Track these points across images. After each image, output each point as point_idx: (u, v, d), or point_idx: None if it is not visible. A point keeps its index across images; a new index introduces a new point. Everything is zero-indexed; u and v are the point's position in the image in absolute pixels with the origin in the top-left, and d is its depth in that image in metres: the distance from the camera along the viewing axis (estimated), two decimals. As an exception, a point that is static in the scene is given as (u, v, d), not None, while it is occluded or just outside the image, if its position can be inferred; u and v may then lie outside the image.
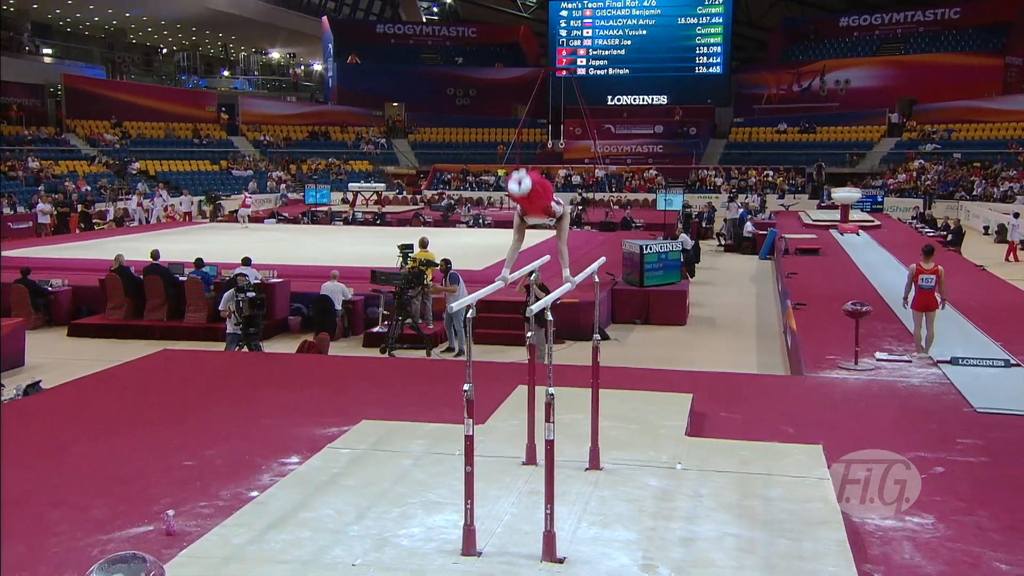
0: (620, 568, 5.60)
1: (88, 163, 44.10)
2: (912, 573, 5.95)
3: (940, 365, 11.24)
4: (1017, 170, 44.14)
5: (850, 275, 19.21)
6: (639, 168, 48.23)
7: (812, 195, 42.04)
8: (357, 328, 16.12)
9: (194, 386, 10.49)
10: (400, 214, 34.37)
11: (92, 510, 6.92)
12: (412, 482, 7.00)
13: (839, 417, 9.28)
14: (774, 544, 5.92)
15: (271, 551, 5.84)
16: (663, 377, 10.92)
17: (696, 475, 7.12)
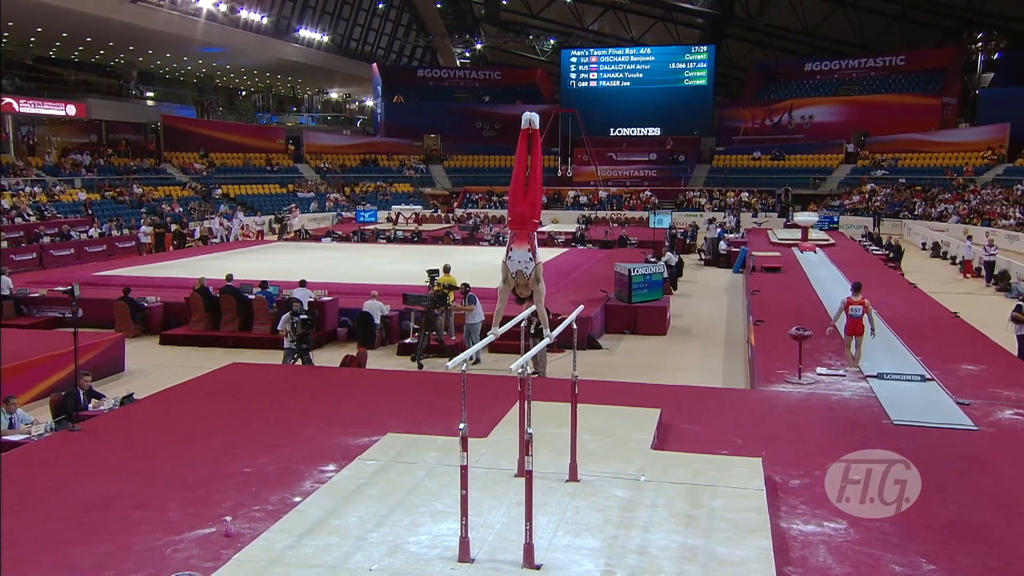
0: (585, 574, 5.76)
1: (181, 188, 44.54)
2: (823, 574, 6.08)
3: (868, 379, 11.31)
4: (951, 193, 43.74)
5: (804, 292, 19.19)
6: (636, 190, 48.10)
7: (780, 214, 41.81)
8: (393, 338, 16.32)
9: (254, 398, 10.67)
10: (434, 232, 34.51)
11: (168, 512, 7.12)
12: (424, 492, 7.18)
13: (780, 429, 9.37)
14: (713, 552, 6.07)
15: (305, 556, 6.05)
16: (638, 391, 11.00)
17: (655, 486, 7.26)
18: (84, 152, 43.77)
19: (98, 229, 32.23)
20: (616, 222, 35.99)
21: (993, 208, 40.26)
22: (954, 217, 40.39)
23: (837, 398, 10.54)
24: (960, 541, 6.58)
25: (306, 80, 63.63)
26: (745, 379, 13.67)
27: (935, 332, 14.67)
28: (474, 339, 14.85)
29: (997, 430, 9.38)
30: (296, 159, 54.48)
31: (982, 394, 10.73)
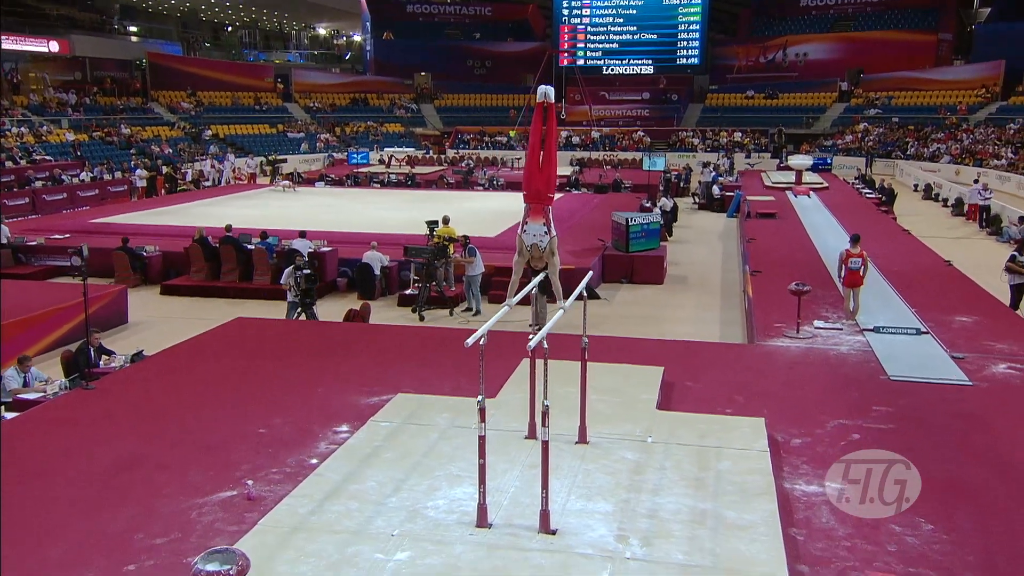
0: (599, 539, 5.97)
1: (169, 128, 44.03)
2: (827, 535, 6.31)
3: (865, 333, 11.51)
4: (944, 133, 43.69)
5: (800, 240, 19.34)
6: (628, 130, 47.88)
7: (773, 155, 41.76)
8: (392, 289, 16.44)
9: (261, 354, 10.79)
10: (427, 175, 34.35)
11: (189, 474, 7.28)
12: (438, 455, 7.36)
13: (780, 386, 9.57)
14: (721, 515, 6.28)
15: (327, 521, 6.23)
16: (639, 347, 11.16)
17: (663, 448, 7.46)
18: (69, 91, 43.09)
19: (89, 173, 31.96)
20: (609, 164, 35.83)
21: (985, 148, 40.30)
22: (946, 157, 40.46)
23: (835, 353, 10.75)
24: (957, 501, 6.83)
25: (293, 14, 62.47)
26: (742, 330, 13.89)
27: (929, 282, 14.87)
28: (474, 290, 15.00)
29: (991, 385, 9.62)
30: (285, 98, 53.81)
31: (976, 347, 10.96)
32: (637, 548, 5.82)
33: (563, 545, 5.88)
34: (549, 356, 6.93)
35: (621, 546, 5.85)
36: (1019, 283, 14.59)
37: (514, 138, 48.29)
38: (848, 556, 5.98)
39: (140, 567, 5.88)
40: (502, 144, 47.79)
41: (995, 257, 19.37)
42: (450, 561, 5.69)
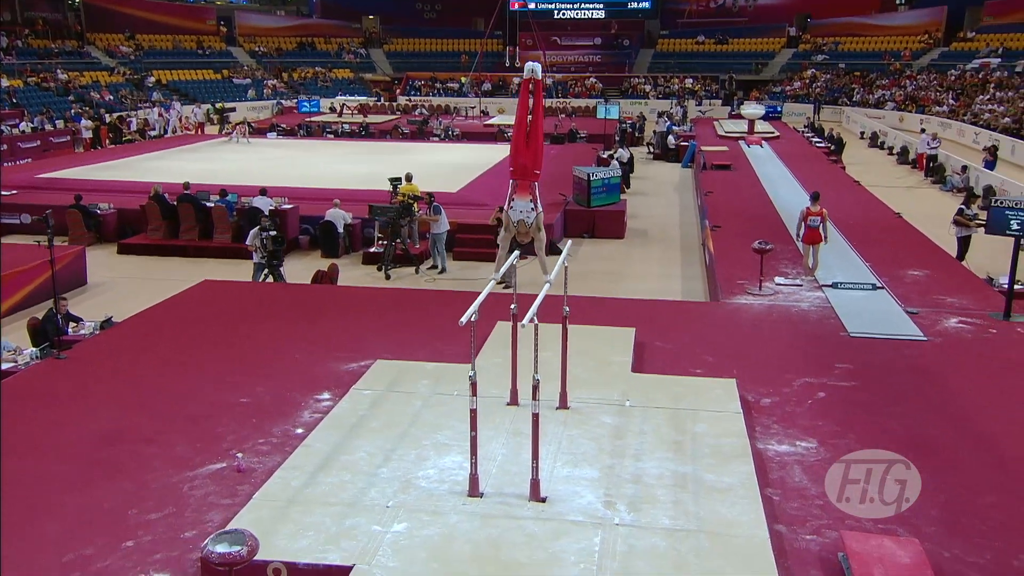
0: (588, 505, 6.19)
1: (108, 74, 42.56)
2: (800, 495, 6.62)
3: (824, 289, 11.87)
4: (888, 79, 44.37)
5: (756, 193, 19.64)
6: (581, 76, 47.65)
7: (724, 102, 42.03)
8: (356, 246, 16.37)
9: (233, 319, 10.75)
10: (381, 125, 33.90)
11: (176, 447, 7.31)
12: (423, 424, 7.49)
13: (746, 345, 9.86)
14: (701, 479, 6.55)
15: (322, 493, 6.35)
16: (608, 307, 11.31)
17: (641, 412, 7.70)
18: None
19: (29, 123, 30.88)
20: (564, 112, 35.72)
21: (927, 95, 41.08)
22: (890, 104, 41.17)
23: (797, 310, 11.08)
24: (919, 458, 7.09)
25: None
26: (704, 285, 14.20)
27: (881, 235, 15.28)
28: (439, 248, 15.04)
29: (944, 340, 10.03)
30: (228, 42, 52.30)
31: (928, 302, 11.39)
32: (625, 514, 6.06)
33: (554, 513, 6.10)
34: (521, 317, 7.11)
35: (610, 512, 6.09)
36: (966, 235, 15.13)
37: (466, 84, 47.77)
38: (822, 515, 6.30)
39: (139, 543, 5.95)
40: (454, 91, 47.28)
41: (941, 207, 20.02)
42: (446, 531, 5.87)
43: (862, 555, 5.52)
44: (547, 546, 5.69)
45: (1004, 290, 11.77)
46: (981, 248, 15.30)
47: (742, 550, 5.64)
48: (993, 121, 34.12)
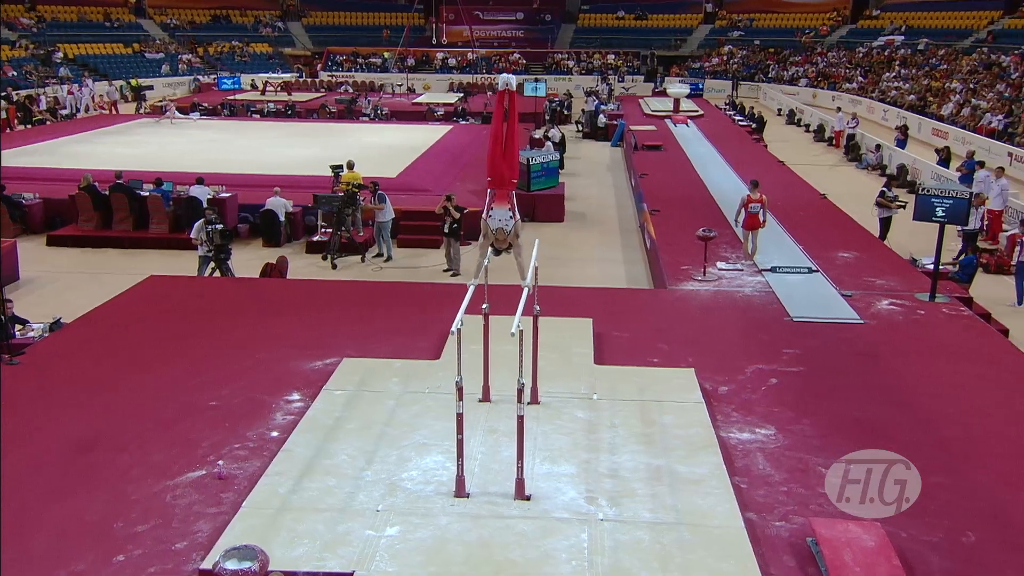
0: (571, 502, 6.43)
1: (10, 48, 40.49)
2: (765, 482, 6.99)
3: (764, 273, 12.35)
4: (801, 56, 45.64)
5: (688, 174, 20.12)
6: (504, 52, 47.58)
7: (647, 78, 42.60)
8: (298, 234, 16.21)
9: (188, 317, 10.58)
10: (307, 103, 33.28)
11: (152, 454, 7.24)
12: (399, 423, 7.60)
13: (698, 332, 10.22)
14: (674, 471, 6.86)
15: (310, 499, 6.43)
16: (559, 296, 11.41)
17: (609, 405, 7.96)
18: None
19: (-69, 103, 29.28)
20: (491, 90, 35.65)
21: (838, 71, 42.45)
22: (804, 80, 42.39)
23: (741, 295, 11.51)
24: (868, 439, 7.60)
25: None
26: (646, 269, 14.57)
27: (809, 217, 15.91)
28: (384, 236, 15.03)
29: (878, 322, 10.60)
30: (138, 13, 50.38)
31: (860, 284, 11.98)
32: (607, 509, 6.32)
33: (540, 510, 6.32)
34: (478, 311, 7.26)
35: (592, 507, 6.34)
36: (887, 216, 15.87)
37: (389, 59, 47.16)
38: (787, 500, 6.68)
39: (129, 557, 5.93)
40: (377, 67, 46.63)
41: (859, 186, 20.90)
42: (438, 534, 6.03)
43: (831, 540, 5.90)
44: (538, 544, 5.91)
45: (927, 271, 12.50)
46: (900, 228, 16.11)
47: (721, 540, 5.96)
48: (900, 98, 35.54)
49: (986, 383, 8.84)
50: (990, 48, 37.73)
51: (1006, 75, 32.97)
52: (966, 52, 38.88)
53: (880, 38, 44.18)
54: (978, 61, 36.29)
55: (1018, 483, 6.94)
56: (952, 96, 32.53)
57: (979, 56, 36.99)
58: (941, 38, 41.81)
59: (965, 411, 8.19)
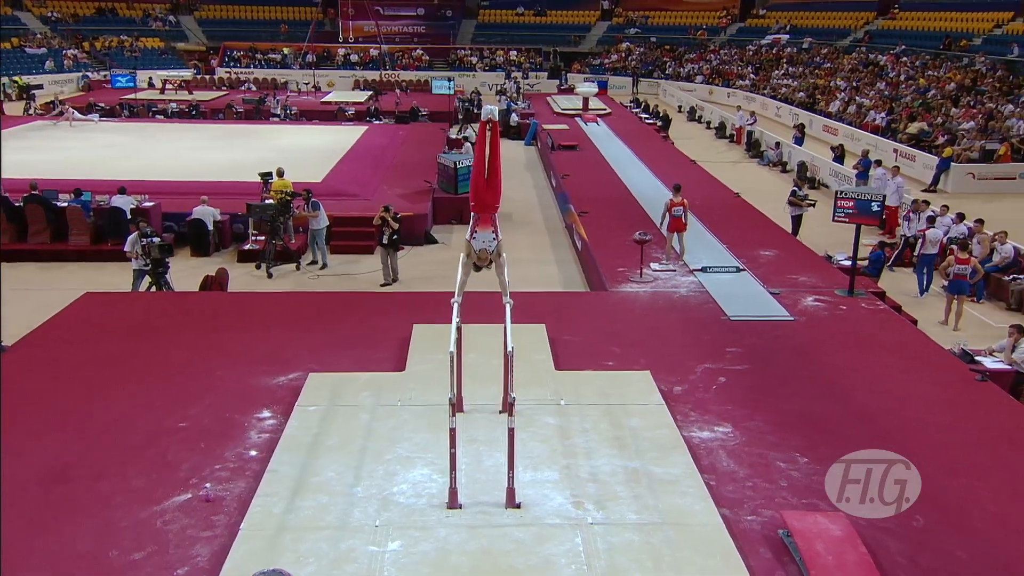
0: (560, 507, 6.73)
1: None
2: (732, 478, 7.45)
3: (695, 273, 12.93)
4: (695, 53, 47.17)
5: (606, 174, 20.66)
6: (407, 47, 47.35)
7: (550, 75, 43.20)
8: (226, 243, 15.94)
9: (136, 334, 10.36)
10: (211, 103, 32.39)
11: (132, 480, 7.18)
12: (379, 437, 7.74)
13: (645, 333, 10.67)
14: (650, 472, 7.25)
15: (308, 519, 6.53)
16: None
17: (577, 411, 8.29)
18: None
19: None
20: (399, 87, 35.48)
21: (731, 68, 44.07)
22: (699, 77, 43.83)
23: (678, 296, 12.05)
24: (815, 433, 8.23)
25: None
26: (578, 270, 14.99)
27: (727, 216, 16.63)
28: (319, 243, 14.97)
29: (807, 319, 11.30)
30: (14, 5, 47.71)
31: (784, 281, 12.70)
32: (595, 512, 6.66)
33: (532, 518, 6.60)
34: (430, 319, 7.41)
35: (581, 512, 6.66)
36: (798, 214, 16.79)
37: (289, 56, 46.26)
38: (754, 495, 7.16)
39: (134, 588, 5.93)
40: (276, 63, 45.67)
41: (763, 183, 21.93)
42: (439, 546, 6.24)
43: (803, 532, 6.40)
44: (536, 551, 6.20)
45: (843, 267, 13.38)
46: (810, 225, 17.09)
47: (703, 538, 6.38)
48: (790, 95, 37.23)
49: (912, 375, 9.57)
50: (868, 47, 39.93)
51: (884, 74, 35.02)
52: (846, 51, 41.01)
53: (767, 36, 46.09)
54: (858, 60, 38.35)
55: (953, 469, 7.61)
56: (838, 94, 34.30)
57: (858, 55, 39.09)
58: (823, 37, 43.94)
59: (898, 403, 8.87)
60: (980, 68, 30.88)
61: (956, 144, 23.52)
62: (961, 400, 9.02)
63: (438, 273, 14.50)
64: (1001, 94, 27.55)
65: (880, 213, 12.01)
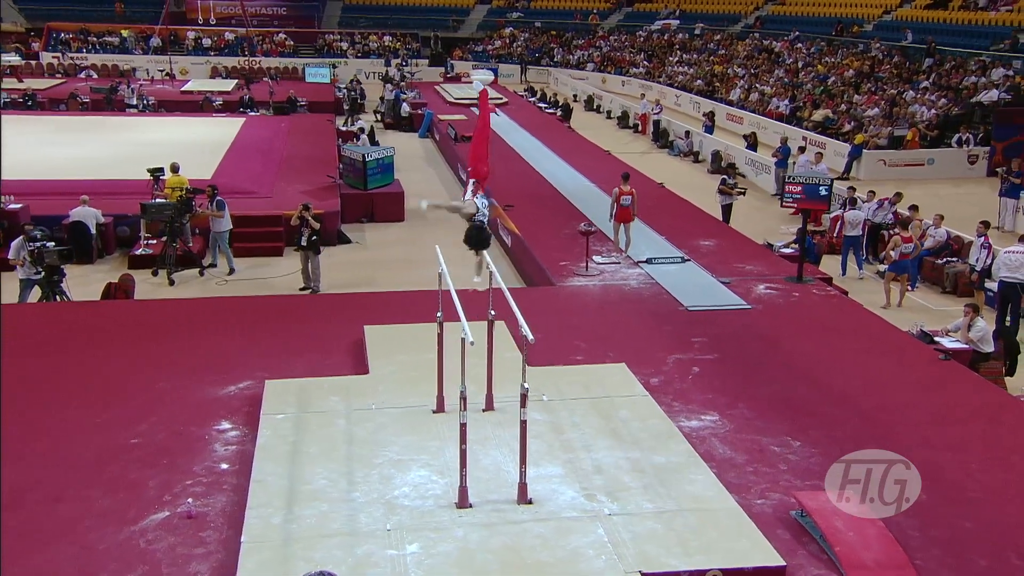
0: (573, 501, 7.14)
1: None
2: (731, 465, 8.06)
3: (641, 265, 13.63)
4: (584, 39, 48.65)
5: (520, 165, 21.25)
6: (267, 31, 46.65)
7: (432, 62, 43.57)
8: (110, 248, 15.56)
9: (50, 350, 10.16)
10: (48, 92, 31.09)
11: (97, 502, 7.17)
12: (363, 442, 7.95)
13: (606, 326, 11.25)
14: (653, 461, 7.77)
15: (312, 527, 6.70)
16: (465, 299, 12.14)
17: (562, 405, 8.73)
18: None
19: None
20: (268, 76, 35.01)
21: (622, 55, 45.70)
22: (590, 64, 45.23)
23: (629, 288, 12.70)
24: (801, 417, 8.97)
25: None
26: (508, 264, 15.43)
27: (657, 207, 17.42)
28: (222, 247, 14.85)
29: (764, 306, 12.15)
30: None
31: (730, 271, 13.55)
32: (609, 504, 7.10)
33: (547, 512, 6.99)
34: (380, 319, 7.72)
35: (595, 504, 7.10)
36: (728, 203, 17.85)
37: (130, 39, 44.76)
38: (758, 480, 7.81)
39: (135, 610, 5.98)
40: (114, 46, 44.09)
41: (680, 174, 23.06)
42: (461, 545, 6.55)
43: (819, 510, 7.03)
44: (561, 544, 6.60)
45: (784, 255, 14.43)
46: (740, 213, 18.19)
47: (724, 521, 6.93)
48: (688, 83, 39.02)
49: (879, 357, 10.53)
50: (760, 33, 42.32)
51: (781, 60, 37.26)
52: (739, 37, 43.32)
53: (657, 22, 48.03)
54: (752, 46, 40.60)
55: (937, 445, 8.49)
56: (737, 81, 36.23)
57: (752, 41, 41.38)
58: (714, 23, 46.23)
59: (872, 385, 9.76)
60: (876, 55, 33.32)
61: (864, 131, 25.41)
62: (930, 379, 10.02)
63: (361, 275, 14.65)
64: (901, 80, 29.88)
65: (828, 198, 13.03)
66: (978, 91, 26.35)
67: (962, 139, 24.38)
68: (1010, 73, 26.76)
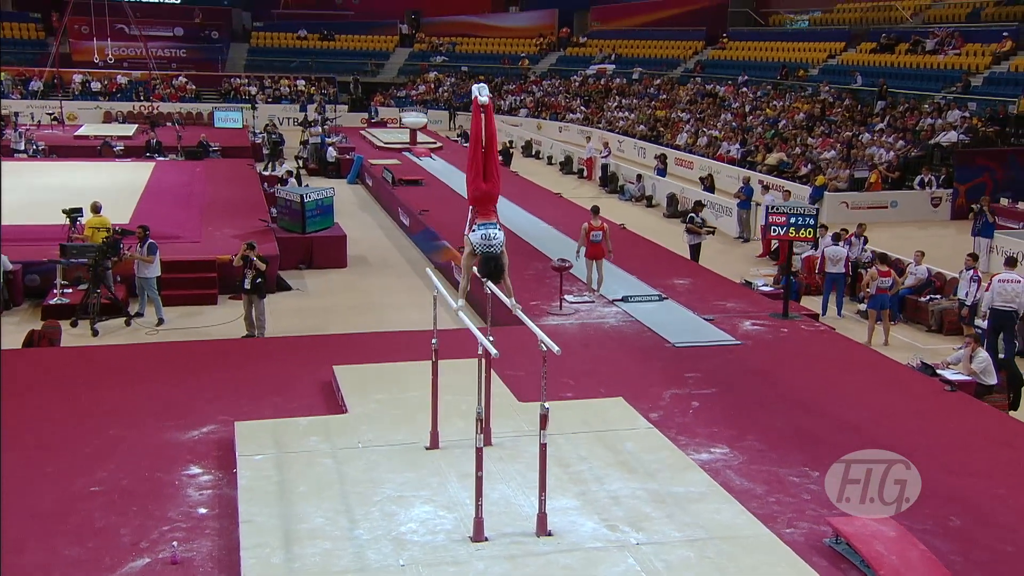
0: (596, 532, 7.28)
1: None
2: (752, 496, 8.29)
3: (616, 303, 13.95)
4: (515, 84, 49.76)
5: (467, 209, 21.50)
6: (166, 74, 46.52)
7: (352, 108, 43.97)
8: (17, 299, 15.23)
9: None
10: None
11: (64, 551, 7.08)
12: (354, 481, 7.98)
13: (592, 364, 11.48)
14: (672, 492, 7.96)
15: (318, 564, 6.71)
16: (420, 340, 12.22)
17: (564, 439, 8.88)
18: None
19: None
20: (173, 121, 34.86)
21: (557, 100, 46.82)
22: (523, 110, 46.21)
23: (609, 326, 13.00)
24: (814, 448, 9.27)
25: None
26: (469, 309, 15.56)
27: (623, 248, 17.76)
28: (150, 294, 14.70)
29: (754, 342, 12.55)
30: None
31: (711, 308, 13.97)
32: (634, 534, 7.26)
33: (570, 543, 7.11)
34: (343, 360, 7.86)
35: (620, 535, 7.25)
36: (697, 243, 18.41)
37: (6, 82, 44.07)
38: (782, 510, 8.05)
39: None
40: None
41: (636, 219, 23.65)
42: (486, 580, 6.62)
43: (857, 535, 7.29)
44: (592, 574, 6.71)
45: (764, 292, 14.94)
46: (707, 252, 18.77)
47: (760, 548, 7.15)
48: (629, 128, 40.13)
49: (883, 389, 10.97)
50: (702, 78, 43.87)
51: (727, 104, 38.67)
52: (680, 82, 44.82)
53: (591, 67, 49.43)
54: (695, 91, 42.05)
55: (961, 471, 8.87)
56: (683, 126, 37.43)
57: (694, 86, 42.86)
58: (652, 67, 47.75)
59: (881, 415, 10.14)
60: (827, 98, 34.88)
61: (824, 173, 26.48)
62: (939, 410, 10.46)
63: (309, 323, 14.62)
64: (854, 122, 31.30)
65: (815, 228, 13.58)
66: (936, 133, 27.76)
67: (924, 181, 25.59)
68: (967, 115, 28.30)
